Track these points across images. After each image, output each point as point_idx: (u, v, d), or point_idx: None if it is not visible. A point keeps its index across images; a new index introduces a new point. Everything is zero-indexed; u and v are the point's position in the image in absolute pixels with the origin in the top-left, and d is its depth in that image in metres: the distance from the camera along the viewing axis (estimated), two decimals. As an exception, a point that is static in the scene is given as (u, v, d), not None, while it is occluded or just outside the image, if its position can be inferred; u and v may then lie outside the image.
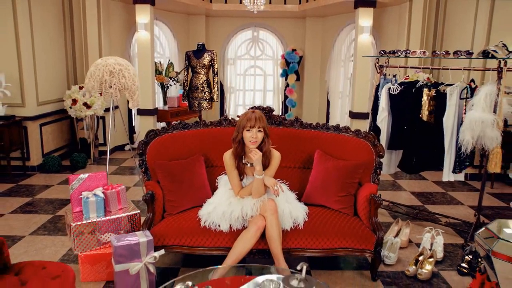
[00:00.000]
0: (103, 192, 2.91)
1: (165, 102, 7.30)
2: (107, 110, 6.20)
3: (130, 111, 7.13)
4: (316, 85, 8.35)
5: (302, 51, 8.17)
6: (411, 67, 3.81)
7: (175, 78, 7.24)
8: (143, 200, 2.80)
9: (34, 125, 5.50)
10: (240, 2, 7.29)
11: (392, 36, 6.64)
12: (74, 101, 5.76)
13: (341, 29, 7.54)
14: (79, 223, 2.79)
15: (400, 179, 5.52)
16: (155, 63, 6.90)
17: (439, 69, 3.63)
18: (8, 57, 5.15)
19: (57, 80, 6.07)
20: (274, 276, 1.97)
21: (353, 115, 6.42)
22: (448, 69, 3.52)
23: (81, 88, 5.84)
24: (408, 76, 4.00)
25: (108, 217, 2.89)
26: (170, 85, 7.23)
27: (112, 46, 6.55)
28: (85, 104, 5.78)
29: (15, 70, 5.21)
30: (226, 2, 7.52)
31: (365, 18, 6.12)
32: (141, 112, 6.50)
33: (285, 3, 7.57)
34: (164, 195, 2.95)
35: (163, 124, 7.02)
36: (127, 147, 6.96)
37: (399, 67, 3.84)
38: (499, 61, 3.16)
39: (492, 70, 3.25)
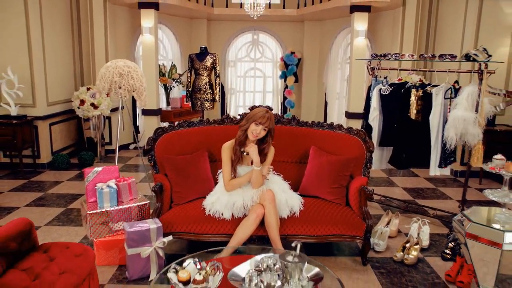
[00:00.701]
0: (115, 184, 3.17)
1: (168, 103, 7.57)
2: (113, 110, 6.47)
3: (134, 112, 7.40)
4: (314, 86, 8.62)
5: (300, 54, 8.44)
6: (400, 69, 4.07)
7: (178, 80, 7.51)
8: (152, 191, 3.06)
9: (44, 125, 5.76)
10: (241, 7, 7.55)
11: (386, 39, 6.91)
12: (82, 102, 6.02)
13: (338, 32, 7.81)
14: (94, 211, 3.05)
15: (393, 176, 5.78)
16: (159, 65, 7.17)
17: (425, 71, 3.90)
18: (20, 60, 5.42)
19: (65, 81, 6.35)
20: (271, 254, 2.23)
21: (349, 115, 6.68)
22: (434, 71, 3.79)
23: (88, 89, 6.10)
24: (401, 77, 4.26)
25: (120, 207, 3.15)
26: (173, 86, 7.50)
27: (118, 49, 6.83)
28: (92, 104, 6.04)
29: (26, 72, 5.48)
30: (227, 7, 7.79)
31: (360, 22, 6.39)
32: (145, 112, 6.76)
33: (283, 8, 7.84)
34: (172, 186, 3.21)
35: (166, 124, 7.28)
36: (131, 146, 7.24)
37: (390, 69, 4.11)
38: (480, 64, 3.42)
39: (474, 72, 3.51)
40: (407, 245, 3.31)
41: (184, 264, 2.06)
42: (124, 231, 2.87)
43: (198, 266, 2.04)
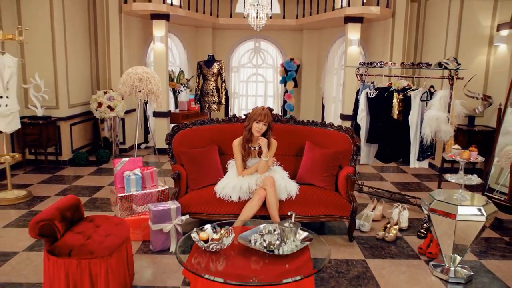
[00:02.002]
0: (140, 172, 3.75)
1: (176, 106, 8.15)
2: (126, 112, 7.05)
3: (145, 114, 7.98)
4: (312, 91, 9.21)
5: (299, 60, 9.03)
6: (384, 75, 4.65)
7: (186, 85, 8.11)
8: (172, 178, 3.64)
9: (65, 125, 6.35)
10: (244, 17, 8.16)
11: (378, 47, 7.50)
12: (100, 104, 6.61)
13: (334, 41, 8.41)
14: (122, 194, 3.63)
15: (383, 172, 6.35)
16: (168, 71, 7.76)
17: (406, 77, 4.48)
18: (46, 67, 6.01)
19: (84, 85, 6.95)
20: (271, 223, 2.79)
21: (343, 117, 7.26)
22: (413, 77, 4.37)
23: (105, 93, 6.69)
24: (391, 82, 4.82)
25: (144, 191, 3.73)
26: (181, 90, 8.10)
27: (131, 56, 7.43)
28: (108, 106, 6.63)
29: (51, 78, 6.07)
30: (231, 17, 8.39)
31: (353, 32, 6.99)
32: (156, 114, 7.35)
33: (284, 18, 8.45)
34: (187, 174, 3.79)
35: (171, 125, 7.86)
36: (143, 146, 7.82)
37: (375, 75, 4.69)
38: (450, 71, 4.00)
39: (445, 78, 4.09)
40: (388, 225, 3.88)
41: (204, 228, 2.62)
42: (149, 211, 3.44)
43: (215, 230, 2.61)
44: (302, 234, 2.68)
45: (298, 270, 2.34)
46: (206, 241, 2.50)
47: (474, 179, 3.00)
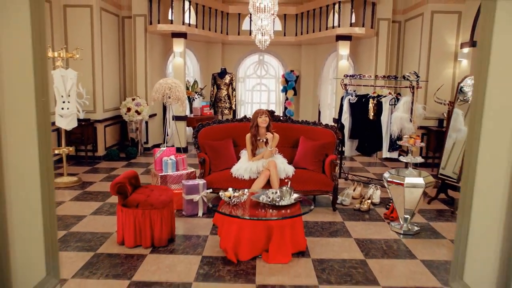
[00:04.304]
0: (175, 158, 4.95)
1: (191, 111, 9.37)
2: (150, 116, 8.29)
3: (164, 118, 9.20)
4: (310, 98, 10.43)
5: (298, 72, 10.27)
6: (363, 85, 5.86)
7: (200, 93, 9.35)
8: (199, 162, 4.84)
9: (101, 126, 7.58)
10: (250, 34, 9.41)
11: (365, 61, 8.73)
12: (129, 109, 7.84)
13: (328, 55, 9.65)
14: (161, 174, 4.82)
15: (368, 167, 7.52)
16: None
17: (385, 86, 5.69)
18: (87, 78, 7.26)
19: (115, 93, 8.19)
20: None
21: (336, 121, 8.44)
22: (391, 86, 5.58)
23: (133, 99, 7.92)
24: (375, 91, 6.00)
25: (177, 172, 4.92)
26: (196, 98, 9.33)
27: (153, 68, 8.67)
28: (136, 111, 7.86)
29: (90, 86, 7.31)
30: (239, 34, 9.65)
31: (343, 48, 8.21)
32: (176, 118, 8.56)
33: (284, 35, 9.70)
34: (210, 160, 4.98)
35: (189, 128, 9.08)
36: (162, 146, 9.03)
37: (356, 85, 5.90)
38: (411, 83, 5.20)
39: (407, 87, 5.30)
40: (363, 200, 5.05)
41: (228, 190, 3.81)
42: (183, 185, 4.62)
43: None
44: (295, 195, 3.86)
45: (291, 213, 3.52)
46: (229, 198, 3.69)
47: (418, 159, 4.19)
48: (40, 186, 1.16)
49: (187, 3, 8.27)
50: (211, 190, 4.67)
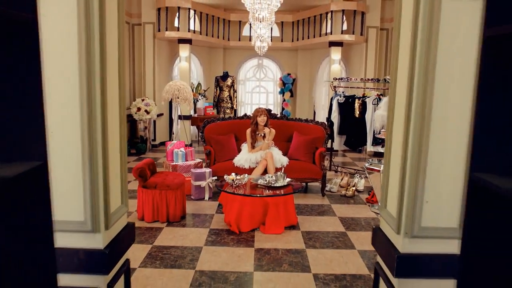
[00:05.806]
0: (184, 149, 5.67)
1: (195, 111, 10.10)
2: (158, 115, 9.01)
3: (170, 117, 9.93)
4: (306, 100, 11.16)
5: (295, 75, 11.01)
6: (350, 87, 6.58)
7: (203, 94, 10.08)
8: (205, 154, 5.55)
9: (113, 124, 8.28)
10: (249, 40, 10.15)
11: (356, 65, 9.46)
12: (139, 109, 8.56)
13: (323, 59, 10.39)
14: (172, 163, 5.54)
15: (359, 162, 8.24)
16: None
17: (368, 88, 6.42)
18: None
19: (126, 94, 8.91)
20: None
21: (327, 119, 9.17)
22: (379, 88, 6.31)
23: (142, 100, 8.64)
24: (364, 93, 6.74)
25: (186, 162, 5.64)
26: (199, 99, 10.07)
27: (161, 71, 9.40)
28: (145, 111, 8.58)
29: (104, 88, 8.02)
30: (239, 40, 10.40)
31: (335, 53, 8.95)
32: (182, 117, 9.29)
33: (282, 41, 10.45)
34: (215, 152, 5.70)
35: (193, 127, 9.80)
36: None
37: (344, 87, 6.63)
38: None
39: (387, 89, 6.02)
40: (349, 187, 5.77)
41: (231, 174, 4.52)
42: (191, 173, 5.33)
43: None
44: (287, 179, 4.58)
45: (284, 192, 4.24)
46: (232, 181, 4.41)
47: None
48: (119, 155, 1.90)
49: (192, 12, 9.01)
50: (216, 177, 5.38)
